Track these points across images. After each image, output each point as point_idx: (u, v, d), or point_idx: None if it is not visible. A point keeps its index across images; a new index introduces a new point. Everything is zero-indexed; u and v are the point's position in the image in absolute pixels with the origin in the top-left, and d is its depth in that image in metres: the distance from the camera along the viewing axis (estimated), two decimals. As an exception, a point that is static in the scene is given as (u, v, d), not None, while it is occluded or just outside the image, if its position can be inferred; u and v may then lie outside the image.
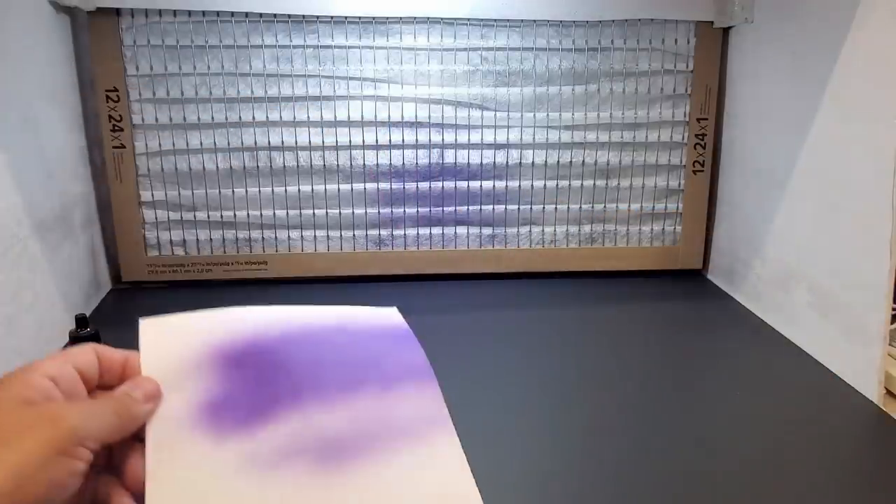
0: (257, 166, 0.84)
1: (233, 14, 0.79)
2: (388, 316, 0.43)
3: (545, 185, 0.89)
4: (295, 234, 0.87)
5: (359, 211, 0.87)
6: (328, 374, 0.36)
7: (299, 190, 0.86)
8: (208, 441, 0.31)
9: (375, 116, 0.84)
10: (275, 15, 0.80)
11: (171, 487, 0.30)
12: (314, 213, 0.87)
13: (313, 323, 0.39)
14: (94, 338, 0.54)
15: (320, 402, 0.34)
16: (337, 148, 0.85)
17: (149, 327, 0.35)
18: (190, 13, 0.79)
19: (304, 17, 0.80)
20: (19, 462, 0.25)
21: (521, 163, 0.88)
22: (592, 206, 0.90)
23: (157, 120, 0.81)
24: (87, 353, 0.31)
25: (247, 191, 0.85)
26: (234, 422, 0.32)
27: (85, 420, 0.27)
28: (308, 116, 0.83)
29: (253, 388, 0.34)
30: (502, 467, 0.51)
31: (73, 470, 0.26)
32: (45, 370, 0.29)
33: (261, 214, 0.86)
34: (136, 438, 0.31)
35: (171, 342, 0.35)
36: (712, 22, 0.84)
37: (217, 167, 0.84)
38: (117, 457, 0.31)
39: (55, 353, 0.31)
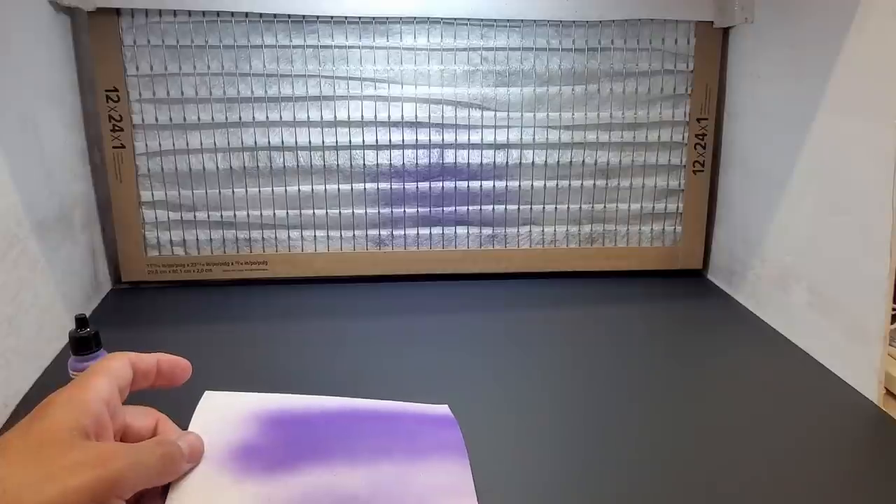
0: (257, 166, 0.84)
1: (233, 14, 0.79)
2: (437, 409, 0.46)
3: (545, 185, 0.89)
4: (295, 234, 0.87)
5: (359, 211, 0.87)
6: (359, 441, 0.38)
7: (299, 190, 0.86)
8: (230, 478, 0.33)
9: (375, 116, 0.84)
10: (275, 15, 0.80)
11: None
12: (314, 213, 0.87)
13: (359, 409, 0.42)
14: (95, 338, 0.54)
15: (345, 462, 0.36)
16: (337, 148, 0.85)
17: (210, 399, 0.38)
18: (190, 13, 0.79)
19: (304, 17, 0.80)
20: (57, 502, 0.26)
21: (521, 163, 0.88)
22: (592, 206, 0.90)
23: (157, 120, 0.81)
24: (125, 368, 0.33)
25: (247, 191, 0.85)
26: (259, 467, 0.34)
27: (131, 469, 0.29)
28: (308, 116, 0.83)
29: (284, 443, 0.36)
30: (503, 466, 0.51)
31: None
32: (99, 394, 0.31)
33: (261, 214, 0.86)
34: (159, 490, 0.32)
35: (223, 407, 0.38)
36: (712, 22, 0.84)
37: (217, 167, 0.84)
38: None
39: (96, 367, 0.32)
